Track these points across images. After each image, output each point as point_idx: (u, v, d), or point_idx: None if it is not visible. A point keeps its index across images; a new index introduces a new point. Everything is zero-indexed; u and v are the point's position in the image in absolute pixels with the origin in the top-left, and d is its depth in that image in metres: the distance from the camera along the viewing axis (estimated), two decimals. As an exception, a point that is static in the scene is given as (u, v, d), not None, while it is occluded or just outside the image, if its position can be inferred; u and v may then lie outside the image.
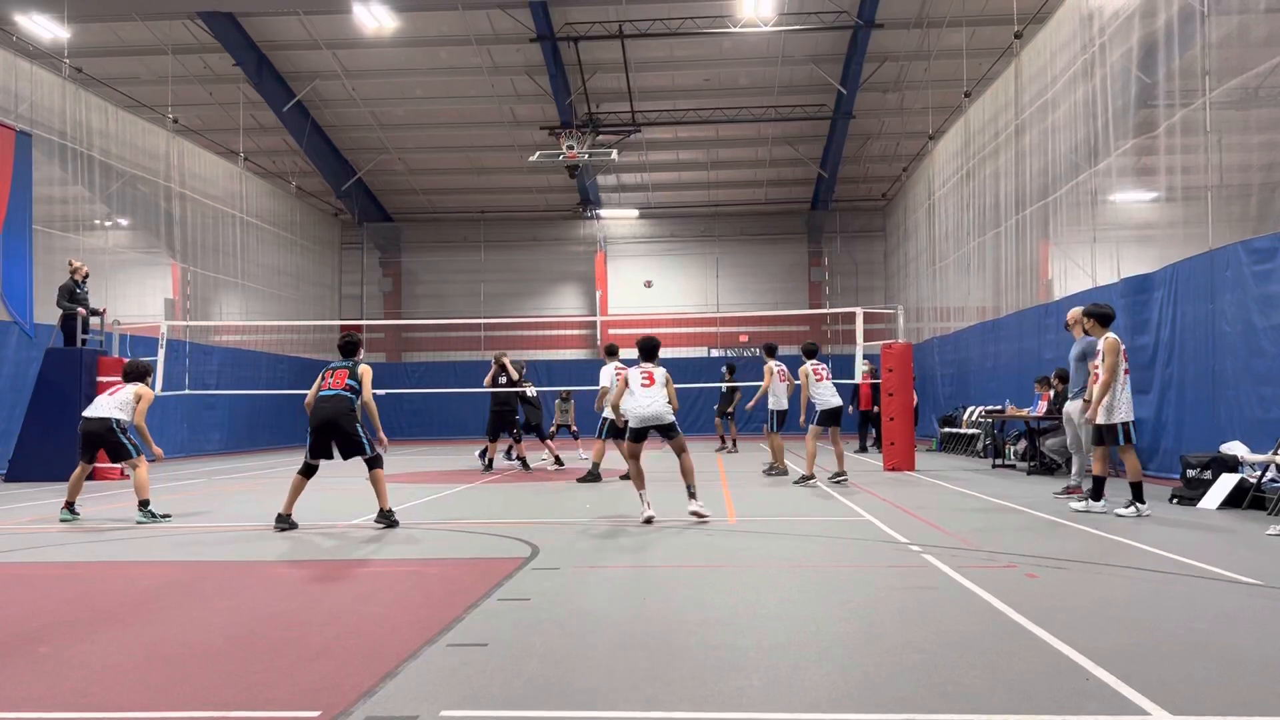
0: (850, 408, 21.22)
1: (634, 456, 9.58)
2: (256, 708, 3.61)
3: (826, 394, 13.12)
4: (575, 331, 35.57)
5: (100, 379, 15.81)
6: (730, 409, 21.58)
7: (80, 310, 16.24)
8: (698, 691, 3.75)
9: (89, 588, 6.20)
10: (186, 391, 20.67)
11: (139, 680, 4.01)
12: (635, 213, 35.04)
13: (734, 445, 21.89)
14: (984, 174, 21.25)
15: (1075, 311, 10.89)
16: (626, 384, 9.75)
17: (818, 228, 34.64)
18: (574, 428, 20.64)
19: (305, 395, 9.22)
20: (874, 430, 20.92)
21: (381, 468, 9.08)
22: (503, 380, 16.06)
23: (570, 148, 26.09)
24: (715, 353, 34.58)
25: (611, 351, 14.36)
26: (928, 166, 26.65)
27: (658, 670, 4.03)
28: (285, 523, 8.84)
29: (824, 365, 13.48)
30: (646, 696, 3.69)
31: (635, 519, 9.32)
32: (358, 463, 9.06)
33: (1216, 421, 11.39)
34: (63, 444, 15.29)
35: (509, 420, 16.12)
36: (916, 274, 28.46)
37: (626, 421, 13.57)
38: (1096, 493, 9.39)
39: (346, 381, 9.03)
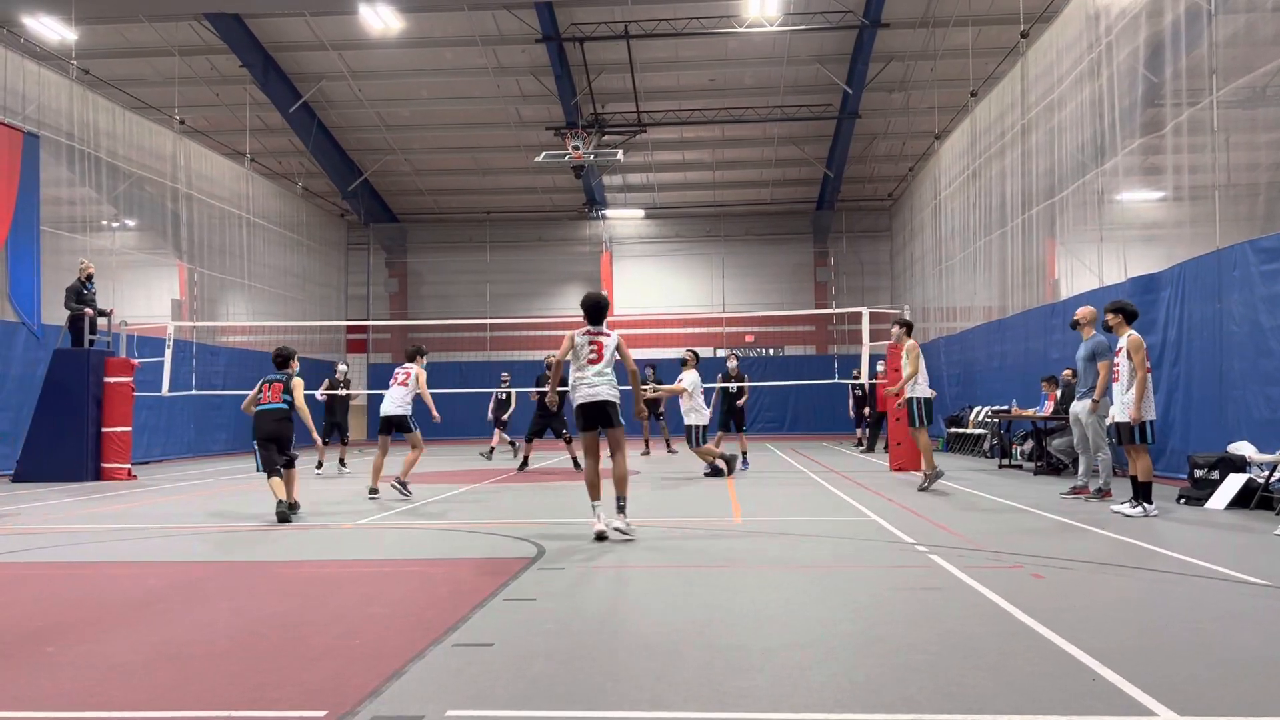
0: (866, 409, 21.23)
1: (592, 453, 8.08)
2: (262, 708, 3.61)
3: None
4: (581, 332, 35.51)
5: (107, 379, 15.88)
6: (660, 410, 20.95)
7: (87, 311, 16.30)
8: (703, 692, 3.74)
9: (94, 588, 6.21)
10: (193, 392, 20.72)
11: (145, 680, 4.02)
12: (641, 213, 35.04)
13: (669, 447, 21.42)
14: (990, 173, 21.21)
15: (1087, 310, 10.86)
16: (572, 347, 8.15)
17: (823, 228, 34.62)
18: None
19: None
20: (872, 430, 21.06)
21: (294, 469, 10.06)
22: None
23: (576, 148, 26.07)
24: (721, 353, 34.56)
25: (690, 359, 14.97)
26: (934, 166, 26.61)
27: (663, 670, 4.03)
28: (292, 511, 9.67)
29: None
30: (652, 696, 3.69)
31: (643, 520, 9.32)
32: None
33: (1224, 421, 11.36)
34: (71, 445, 15.38)
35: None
36: (922, 274, 28.41)
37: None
38: (1147, 494, 9.19)
39: (282, 396, 10.07)
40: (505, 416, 21.27)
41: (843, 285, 34.70)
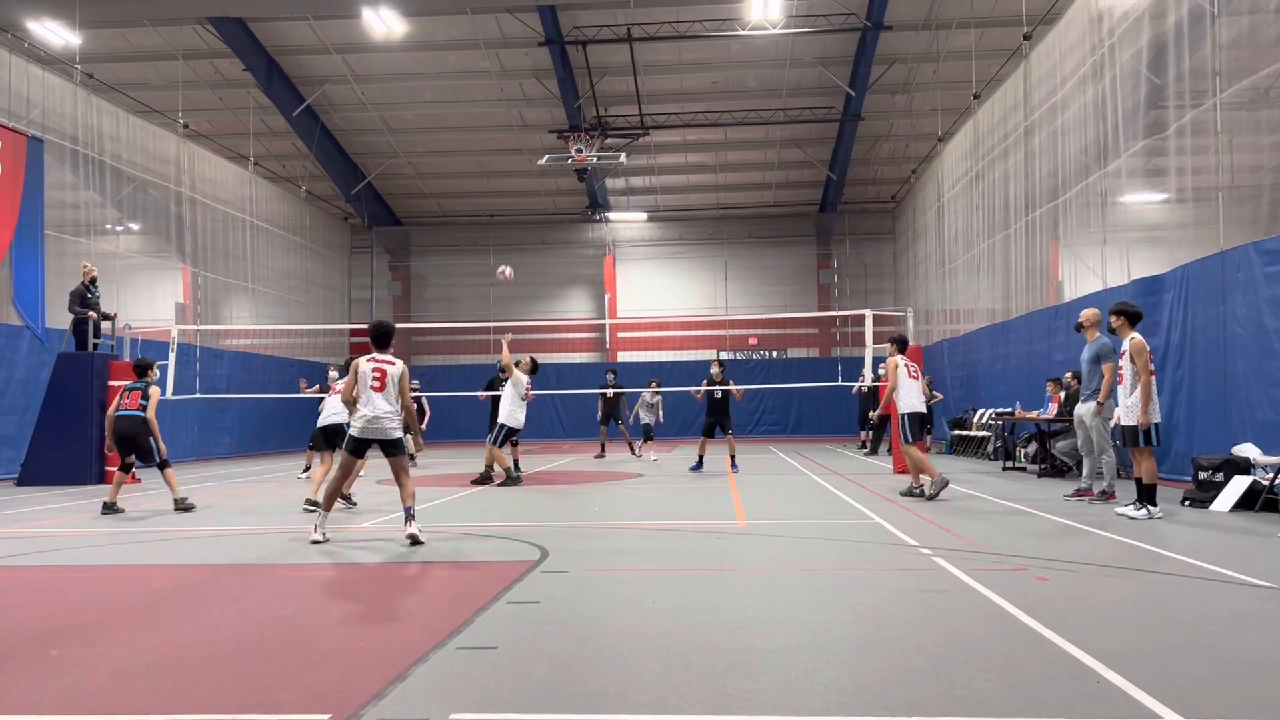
0: (872, 412, 21.16)
1: (346, 471, 8.36)
2: (267, 710, 3.62)
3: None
4: (584, 335, 35.58)
5: (111, 383, 15.90)
6: (615, 415, 20.59)
7: (91, 315, 16.33)
8: (707, 695, 3.74)
9: (99, 591, 6.22)
10: (197, 395, 20.74)
11: (150, 683, 4.02)
12: (644, 216, 35.08)
13: (607, 450, 21.07)
14: (993, 176, 21.20)
15: (1090, 312, 10.84)
16: (356, 378, 8.14)
17: (827, 230, 34.61)
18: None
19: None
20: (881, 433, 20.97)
21: (170, 467, 11.14)
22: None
23: (579, 151, 26.12)
24: (724, 355, 34.57)
25: (526, 364, 14.39)
26: (937, 168, 26.60)
27: (667, 673, 4.03)
28: (112, 510, 10.49)
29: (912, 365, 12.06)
30: (656, 699, 3.69)
31: (646, 523, 9.33)
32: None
33: (1228, 423, 11.34)
34: (75, 448, 15.40)
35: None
36: (926, 276, 28.40)
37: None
38: (1152, 497, 9.14)
39: (140, 402, 10.89)
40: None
41: (846, 288, 34.69)
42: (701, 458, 16.60)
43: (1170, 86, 13.51)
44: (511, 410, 13.92)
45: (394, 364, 8.22)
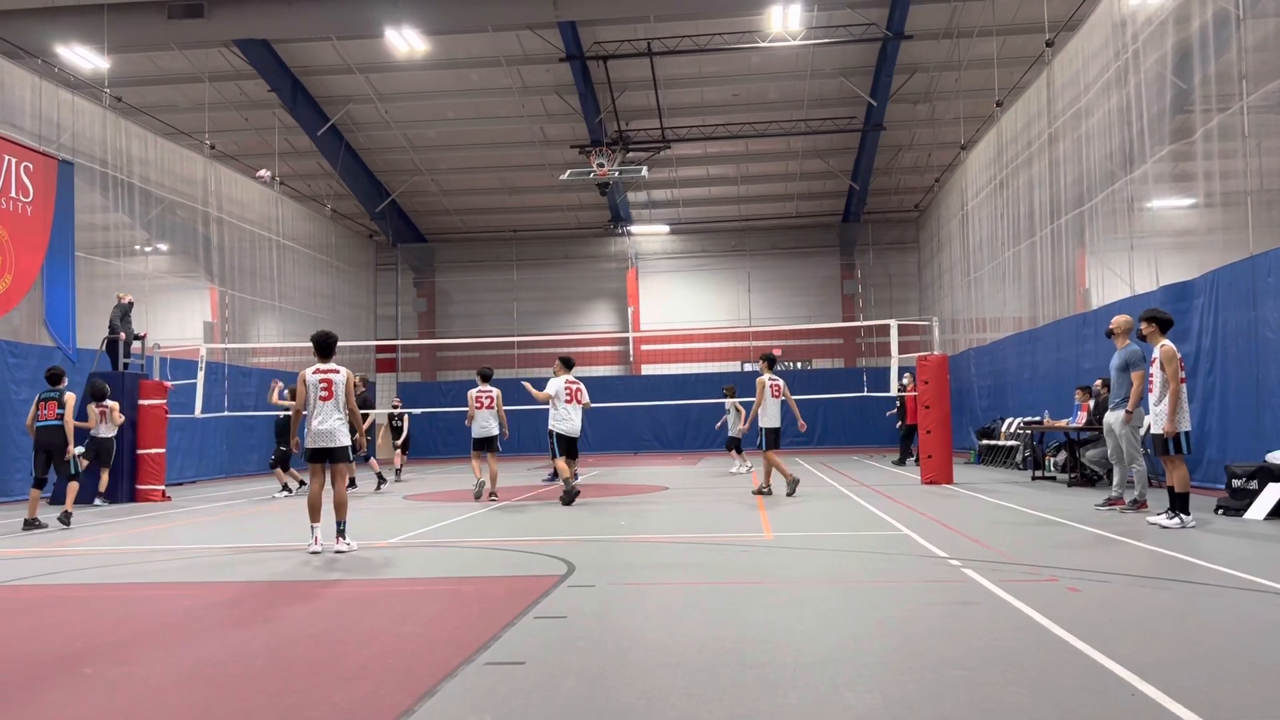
0: (898, 422, 21.04)
1: (319, 480, 8.58)
2: (297, 727, 3.63)
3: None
4: (608, 348, 35.62)
5: (141, 402, 16.08)
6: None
7: (122, 335, 16.64)
8: (735, 709, 3.72)
9: (132, 609, 6.28)
10: (226, 413, 20.92)
11: (182, 700, 4.05)
12: (666, 229, 35.13)
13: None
14: (1018, 183, 21.08)
15: (1122, 319, 10.70)
16: (306, 390, 8.48)
17: (850, 240, 34.51)
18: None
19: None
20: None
21: (79, 482, 11.56)
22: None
23: (600, 165, 26.22)
24: (749, 367, 34.49)
25: (567, 364, 13.59)
26: (960, 177, 26.48)
27: (695, 688, 4.01)
28: (33, 525, 10.85)
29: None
30: (684, 714, 3.67)
31: (672, 536, 9.31)
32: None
33: (1261, 430, 11.18)
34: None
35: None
36: (951, 285, 28.24)
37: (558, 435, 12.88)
38: (1185, 505, 9.03)
39: (57, 412, 11.15)
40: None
41: (870, 298, 34.55)
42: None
43: (1196, 91, 13.39)
44: (555, 415, 13.14)
45: (338, 372, 8.55)
